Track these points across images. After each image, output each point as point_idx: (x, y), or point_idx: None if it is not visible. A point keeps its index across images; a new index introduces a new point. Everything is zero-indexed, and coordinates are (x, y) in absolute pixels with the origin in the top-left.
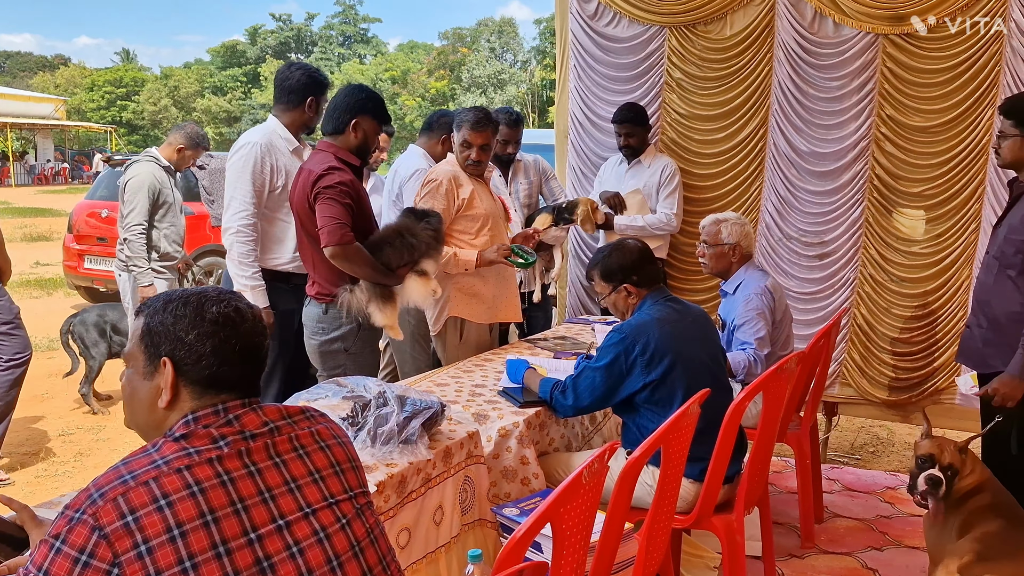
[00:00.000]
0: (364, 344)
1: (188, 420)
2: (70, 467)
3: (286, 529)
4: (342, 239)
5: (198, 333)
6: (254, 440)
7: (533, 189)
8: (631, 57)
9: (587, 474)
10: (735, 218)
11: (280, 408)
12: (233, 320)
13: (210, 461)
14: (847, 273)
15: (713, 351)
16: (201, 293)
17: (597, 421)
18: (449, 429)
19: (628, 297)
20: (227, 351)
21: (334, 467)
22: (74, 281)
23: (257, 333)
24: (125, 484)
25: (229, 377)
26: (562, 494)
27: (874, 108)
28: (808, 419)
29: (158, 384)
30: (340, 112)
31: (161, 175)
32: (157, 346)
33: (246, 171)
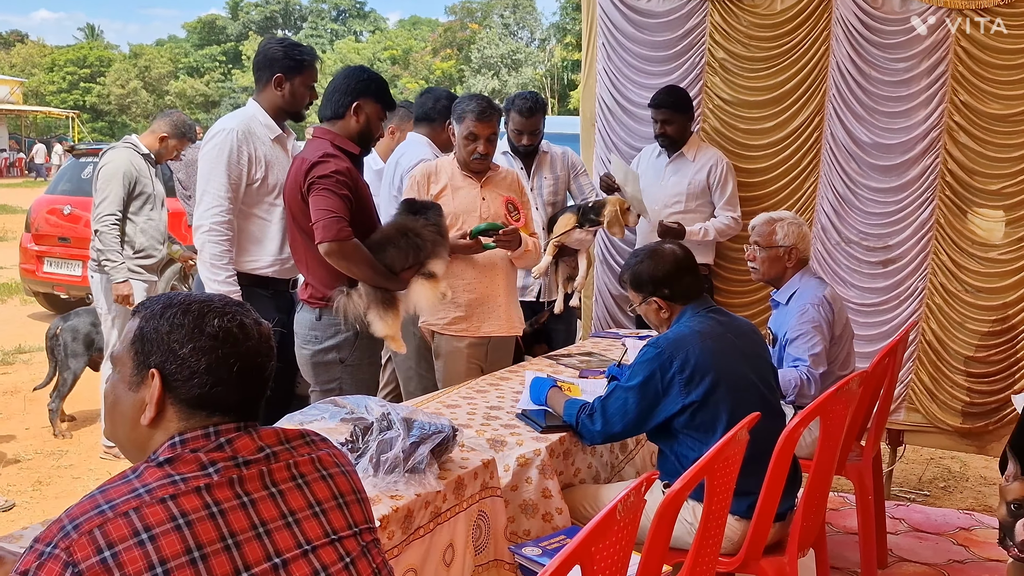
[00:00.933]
0: (363, 355)
1: (175, 442)
2: (28, 497)
3: (282, 568)
4: (339, 234)
5: (194, 347)
6: (247, 467)
7: (560, 185)
8: (668, 34)
9: (622, 508)
10: (791, 217)
11: (277, 431)
12: (235, 337)
13: (197, 490)
14: (915, 282)
15: (762, 370)
16: (205, 301)
17: (629, 449)
18: (461, 457)
19: (659, 311)
20: (224, 371)
21: (337, 499)
22: (32, 286)
23: (261, 353)
24: (102, 515)
25: (224, 400)
26: (593, 531)
27: (946, 93)
28: (870, 449)
29: (143, 397)
30: (339, 95)
31: (139, 162)
32: (147, 354)
33: (220, 162)
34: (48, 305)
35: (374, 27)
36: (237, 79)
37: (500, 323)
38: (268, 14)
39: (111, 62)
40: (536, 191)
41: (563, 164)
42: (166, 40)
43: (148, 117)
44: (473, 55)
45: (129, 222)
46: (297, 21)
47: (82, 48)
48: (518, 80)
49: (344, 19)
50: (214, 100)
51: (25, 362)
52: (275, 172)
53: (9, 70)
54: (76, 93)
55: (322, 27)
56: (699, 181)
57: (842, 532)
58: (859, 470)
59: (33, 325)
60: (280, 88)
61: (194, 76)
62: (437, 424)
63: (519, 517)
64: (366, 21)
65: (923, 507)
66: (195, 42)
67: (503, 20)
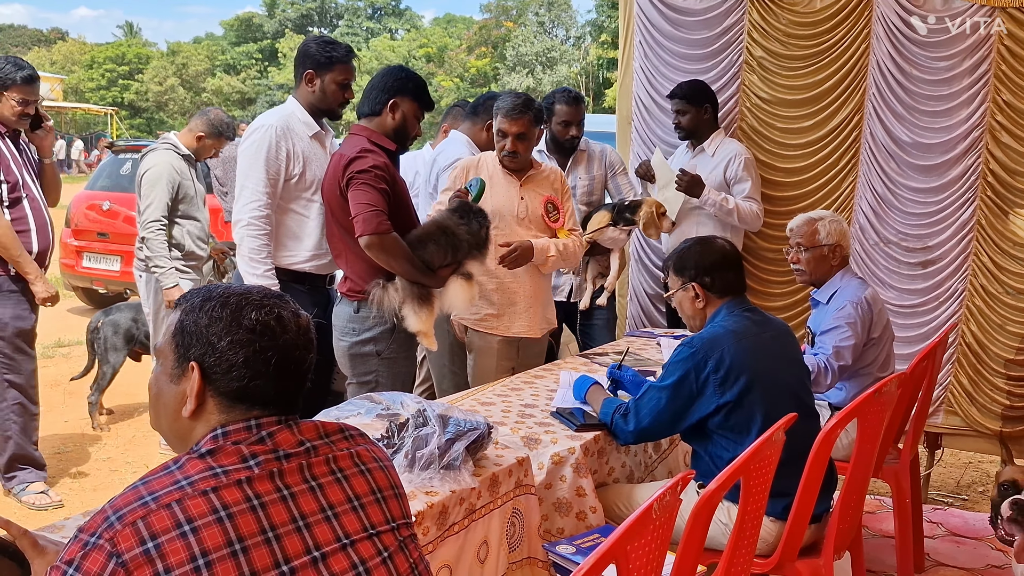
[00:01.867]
0: (399, 348)
1: (216, 435)
2: (67, 489)
3: (321, 562)
4: (379, 227)
5: (231, 340)
6: (288, 460)
7: (596, 184)
8: (705, 32)
9: (657, 508)
10: (831, 215)
11: (317, 425)
12: (272, 330)
13: (239, 483)
14: (954, 283)
15: (798, 371)
16: (244, 294)
17: (662, 449)
18: (496, 454)
19: (695, 300)
20: (261, 364)
21: (375, 494)
22: (71, 281)
23: (300, 347)
24: (146, 506)
25: (263, 392)
26: (629, 530)
27: (989, 93)
28: (908, 452)
29: (184, 390)
30: (377, 92)
31: (181, 165)
32: (187, 347)
33: (259, 157)
34: (87, 300)
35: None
36: (273, 76)
37: (530, 324)
38: (304, 12)
39: (149, 59)
40: (571, 190)
41: (600, 163)
42: (204, 37)
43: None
44: (508, 53)
45: (176, 225)
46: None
47: (120, 45)
48: (553, 78)
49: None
50: (250, 97)
51: (64, 356)
52: (313, 168)
53: (50, 67)
54: (115, 90)
55: (357, 25)
56: (716, 176)
57: (879, 536)
58: (896, 473)
59: (72, 319)
60: (311, 84)
61: (231, 73)
62: (472, 421)
63: (553, 515)
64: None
65: (961, 511)
66: (232, 39)
67: (538, 18)
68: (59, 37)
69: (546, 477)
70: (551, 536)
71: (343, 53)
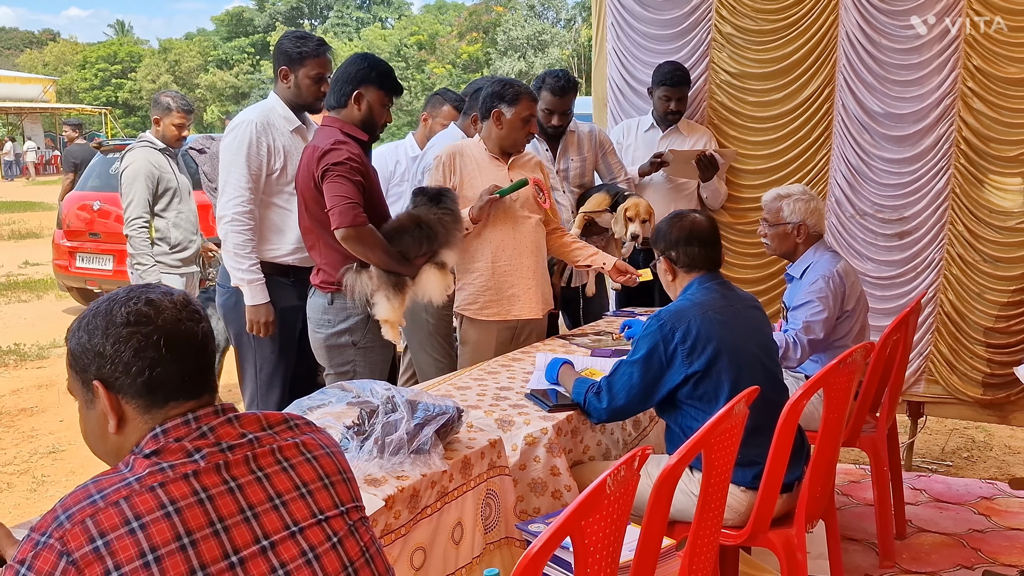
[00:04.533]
0: (375, 337)
1: (156, 434)
2: (62, 487)
3: (271, 550)
4: (355, 220)
5: (114, 341)
6: (232, 452)
7: (587, 166)
8: (674, 12)
9: (611, 482)
10: (799, 192)
11: (258, 417)
12: (147, 315)
13: (186, 477)
14: (931, 253)
15: (765, 343)
16: (110, 298)
17: (642, 426)
18: (468, 437)
19: (665, 273)
20: (152, 349)
21: (322, 480)
22: (65, 282)
23: (182, 320)
24: (94, 505)
25: (169, 379)
26: (582, 505)
27: (960, 59)
28: (884, 420)
29: (100, 411)
30: (341, 84)
31: (158, 159)
32: (84, 370)
33: (240, 153)
34: (82, 300)
35: (399, 13)
36: (265, 70)
37: (530, 306)
38: (294, 4)
39: (141, 57)
40: (563, 173)
41: (591, 144)
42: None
43: None
44: (499, 37)
45: (160, 219)
46: (323, 11)
47: (112, 45)
48: (545, 61)
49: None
50: (244, 92)
51: (60, 356)
52: (294, 162)
53: (42, 68)
54: (108, 89)
55: (348, 15)
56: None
57: (861, 504)
58: (874, 441)
59: (68, 320)
60: (286, 80)
61: (223, 69)
62: (442, 406)
63: (528, 495)
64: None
65: (944, 478)
66: (223, 35)
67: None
68: (51, 38)
69: (520, 458)
70: (527, 516)
71: (313, 47)
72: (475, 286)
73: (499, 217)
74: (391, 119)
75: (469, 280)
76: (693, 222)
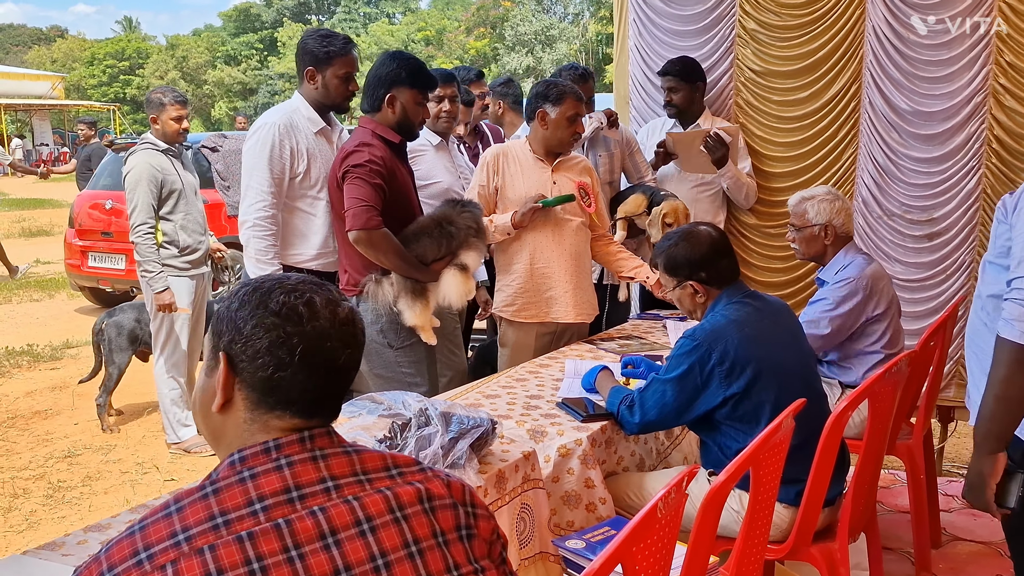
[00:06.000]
0: (409, 334)
1: (234, 460)
2: (78, 493)
3: None
4: (367, 223)
5: (256, 323)
6: (302, 502)
7: (615, 163)
8: (697, 7)
9: (663, 507)
10: (823, 193)
11: (351, 459)
12: (300, 315)
13: (240, 540)
14: (961, 255)
15: (802, 353)
16: (279, 279)
17: (675, 436)
18: (502, 449)
19: (695, 295)
20: (285, 351)
21: (408, 547)
22: (77, 281)
23: (332, 338)
24: (140, 567)
25: (288, 387)
26: (634, 531)
27: (991, 54)
28: (920, 427)
29: (214, 383)
30: (373, 87)
31: (160, 161)
32: (219, 335)
33: (263, 156)
34: (94, 299)
35: (406, 8)
36: (273, 66)
37: (568, 309)
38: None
39: (149, 54)
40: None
41: (618, 141)
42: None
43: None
44: (507, 33)
45: (167, 222)
46: (330, 6)
47: (120, 41)
48: (553, 56)
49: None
50: (251, 88)
51: (73, 357)
52: (318, 165)
53: (50, 65)
54: (116, 86)
55: (355, 11)
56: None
57: (894, 511)
58: (910, 449)
59: (80, 319)
60: (313, 81)
61: (231, 64)
62: (476, 418)
63: (562, 508)
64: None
65: None
66: (231, 30)
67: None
68: (59, 35)
69: (553, 470)
70: (561, 530)
71: (340, 46)
72: (513, 287)
73: (539, 219)
74: (429, 115)
75: (507, 281)
76: (709, 235)
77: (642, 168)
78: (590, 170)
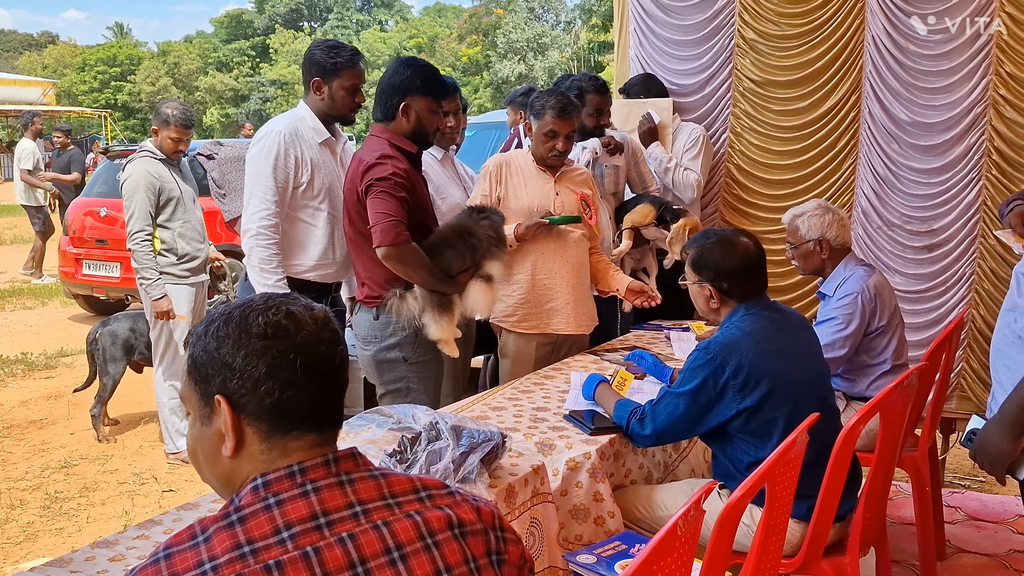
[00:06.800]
0: (425, 351)
1: (257, 485)
2: (76, 504)
3: None
4: (396, 239)
5: (246, 353)
6: (330, 529)
7: (620, 175)
8: (697, 16)
9: (683, 525)
10: (812, 208)
11: (379, 482)
12: (286, 329)
13: (267, 569)
14: (962, 267)
15: (817, 367)
16: (245, 305)
17: (682, 448)
18: (511, 463)
19: (710, 300)
20: (286, 369)
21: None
22: (72, 289)
23: (322, 340)
24: None
25: (298, 405)
26: (655, 550)
27: (991, 64)
28: (926, 439)
29: (218, 429)
30: (387, 96)
31: (158, 169)
32: (207, 380)
33: (267, 164)
34: (88, 307)
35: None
36: (265, 73)
37: (569, 321)
38: (294, 6)
39: (141, 60)
40: (597, 179)
41: (624, 152)
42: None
43: None
44: (499, 40)
45: (165, 230)
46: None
47: (112, 47)
48: (545, 64)
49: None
50: (243, 94)
51: (68, 365)
52: (321, 176)
53: (41, 71)
54: (107, 92)
55: (348, 18)
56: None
57: (897, 523)
58: (915, 461)
59: (74, 328)
60: (319, 92)
61: (223, 71)
62: (486, 432)
63: (570, 523)
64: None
65: (979, 494)
66: (223, 37)
67: (528, 3)
68: (50, 41)
69: (561, 484)
70: (569, 544)
71: (348, 58)
72: (514, 298)
73: (543, 232)
74: (444, 123)
75: (508, 292)
76: (747, 250)
77: (647, 179)
78: (591, 182)
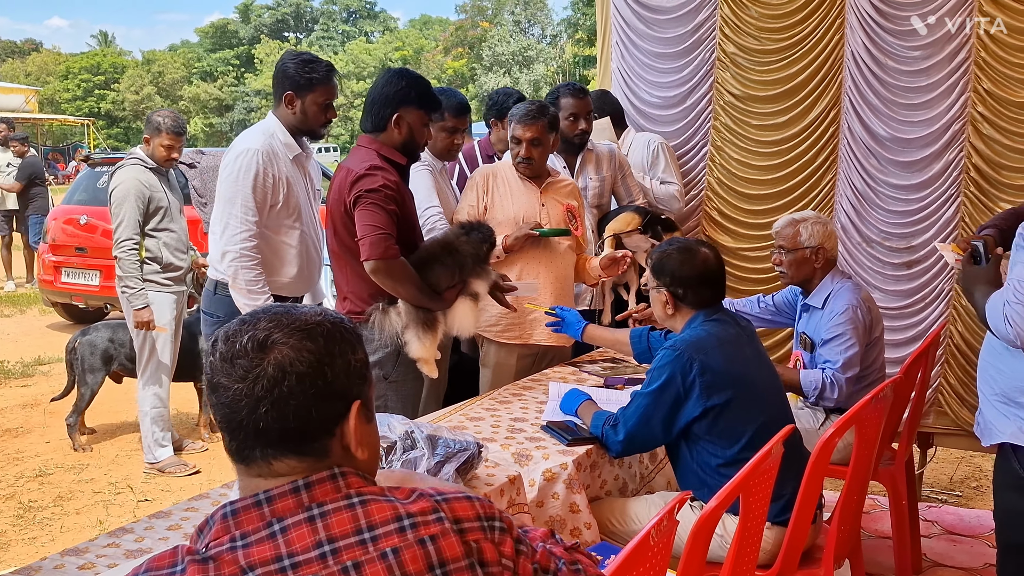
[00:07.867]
0: (406, 370)
1: (226, 513)
2: (50, 513)
3: None
4: (385, 253)
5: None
6: (295, 571)
7: (605, 186)
8: (678, 29)
9: (655, 534)
10: (814, 217)
11: (356, 514)
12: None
13: None
14: (940, 284)
15: (772, 373)
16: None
17: (658, 459)
18: (487, 473)
19: (666, 305)
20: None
21: None
22: (50, 297)
23: (222, 370)
24: None
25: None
26: (628, 559)
27: (969, 81)
28: (903, 453)
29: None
30: (378, 106)
31: (148, 177)
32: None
33: (246, 184)
34: (67, 315)
35: (384, 28)
36: (250, 83)
37: (550, 332)
38: (279, 17)
39: (125, 68)
40: (581, 191)
41: (610, 164)
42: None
43: None
44: (484, 53)
45: (151, 238)
46: (308, 23)
47: (96, 55)
48: (530, 77)
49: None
50: (228, 104)
51: (45, 374)
52: (295, 192)
53: (24, 79)
54: (91, 100)
55: (333, 29)
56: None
57: (874, 536)
58: (892, 475)
59: (52, 336)
60: (291, 106)
61: (207, 80)
62: (462, 441)
63: None
64: (376, 22)
65: (956, 508)
66: (208, 46)
67: (514, 17)
68: (33, 48)
69: (538, 494)
70: None
71: (323, 73)
72: (497, 308)
73: (530, 243)
74: (431, 137)
75: (491, 302)
76: (705, 260)
77: (634, 192)
78: (577, 193)
